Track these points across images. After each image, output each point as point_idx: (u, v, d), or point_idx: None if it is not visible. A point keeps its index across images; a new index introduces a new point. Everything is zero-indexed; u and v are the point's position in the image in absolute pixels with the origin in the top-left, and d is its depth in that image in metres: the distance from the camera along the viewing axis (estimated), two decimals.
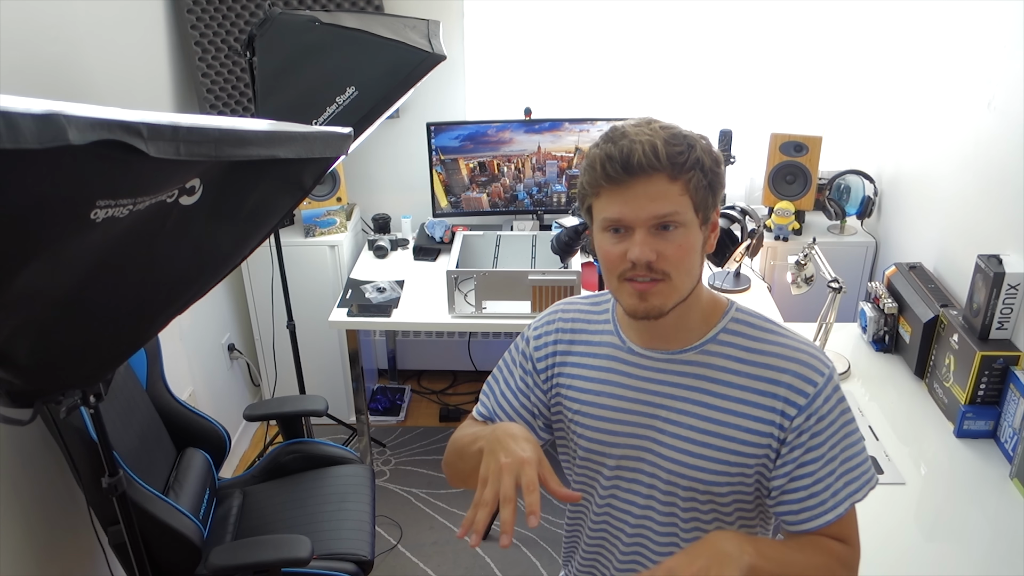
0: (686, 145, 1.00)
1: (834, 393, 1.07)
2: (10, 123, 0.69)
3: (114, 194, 0.93)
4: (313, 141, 1.14)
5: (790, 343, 1.09)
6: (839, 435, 1.07)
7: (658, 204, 0.99)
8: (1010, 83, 1.99)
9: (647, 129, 1.00)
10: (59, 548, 1.93)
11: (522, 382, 1.24)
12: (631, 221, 1.00)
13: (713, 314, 1.12)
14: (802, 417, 1.05)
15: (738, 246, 2.51)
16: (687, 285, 1.04)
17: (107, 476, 1.53)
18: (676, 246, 1.01)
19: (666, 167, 0.98)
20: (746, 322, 1.12)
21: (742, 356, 1.09)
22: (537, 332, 1.24)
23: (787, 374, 1.06)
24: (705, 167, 1.01)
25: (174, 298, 1.28)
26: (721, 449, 1.09)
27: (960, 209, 2.26)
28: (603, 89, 3.04)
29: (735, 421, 1.08)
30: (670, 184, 0.99)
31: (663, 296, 1.03)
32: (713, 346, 1.11)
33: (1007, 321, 1.89)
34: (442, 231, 3.09)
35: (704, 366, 1.10)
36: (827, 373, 1.06)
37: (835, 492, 1.07)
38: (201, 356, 2.83)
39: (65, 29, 1.99)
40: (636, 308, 1.04)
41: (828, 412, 1.06)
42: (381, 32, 2.15)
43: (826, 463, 1.06)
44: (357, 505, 2.16)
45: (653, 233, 1.00)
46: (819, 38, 2.91)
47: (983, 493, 1.75)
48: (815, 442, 1.06)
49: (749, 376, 1.08)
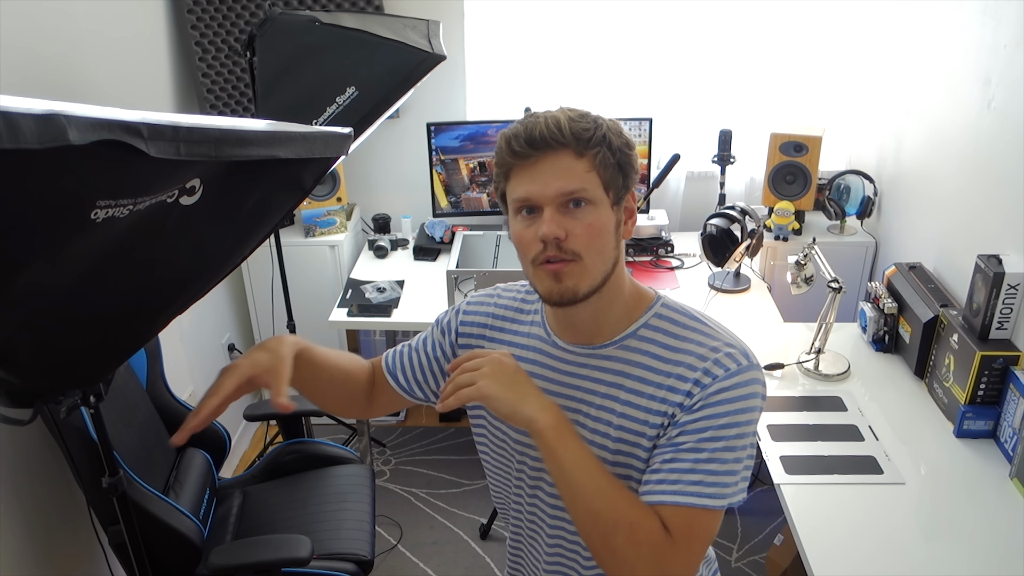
0: (592, 123, 1.00)
1: (738, 388, 1.00)
2: (10, 123, 0.69)
3: (114, 194, 0.93)
4: (313, 141, 1.14)
5: (711, 341, 1.04)
6: (719, 432, 1.00)
7: (564, 180, 0.99)
8: (1010, 83, 1.99)
9: (556, 111, 1.01)
10: (59, 548, 1.93)
11: (436, 346, 1.26)
12: (539, 199, 1.00)
13: (636, 308, 1.10)
14: (695, 400, 1.01)
15: (738, 246, 2.51)
16: (600, 267, 1.02)
17: (107, 476, 1.53)
18: (586, 224, 1.00)
19: (570, 142, 0.98)
20: (669, 318, 1.09)
21: (660, 353, 1.06)
22: (469, 310, 1.24)
23: (697, 371, 1.02)
24: (612, 145, 1.01)
25: (174, 298, 1.28)
26: (639, 445, 1.06)
27: (960, 209, 2.26)
28: (603, 89, 3.04)
29: (646, 417, 1.05)
30: (576, 160, 0.99)
31: (575, 277, 1.01)
32: (632, 341, 1.08)
33: (1007, 321, 1.89)
34: (442, 231, 3.09)
35: (622, 361, 1.08)
36: (735, 368, 1.01)
37: (678, 480, 1.00)
38: (201, 356, 2.83)
39: (65, 29, 1.99)
40: (551, 291, 1.02)
41: (720, 403, 1.00)
42: (381, 32, 2.15)
43: (691, 449, 1.00)
44: (357, 505, 2.16)
45: (562, 212, 1.00)
46: (819, 38, 2.92)
47: (983, 493, 1.75)
48: (692, 426, 1.00)
49: (664, 374, 1.05)
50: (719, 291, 2.75)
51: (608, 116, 1.05)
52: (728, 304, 2.68)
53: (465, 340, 1.24)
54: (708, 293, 2.75)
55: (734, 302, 2.70)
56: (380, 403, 1.34)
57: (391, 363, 1.31)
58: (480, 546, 2.70)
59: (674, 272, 2.88)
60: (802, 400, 2.10)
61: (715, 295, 2.74)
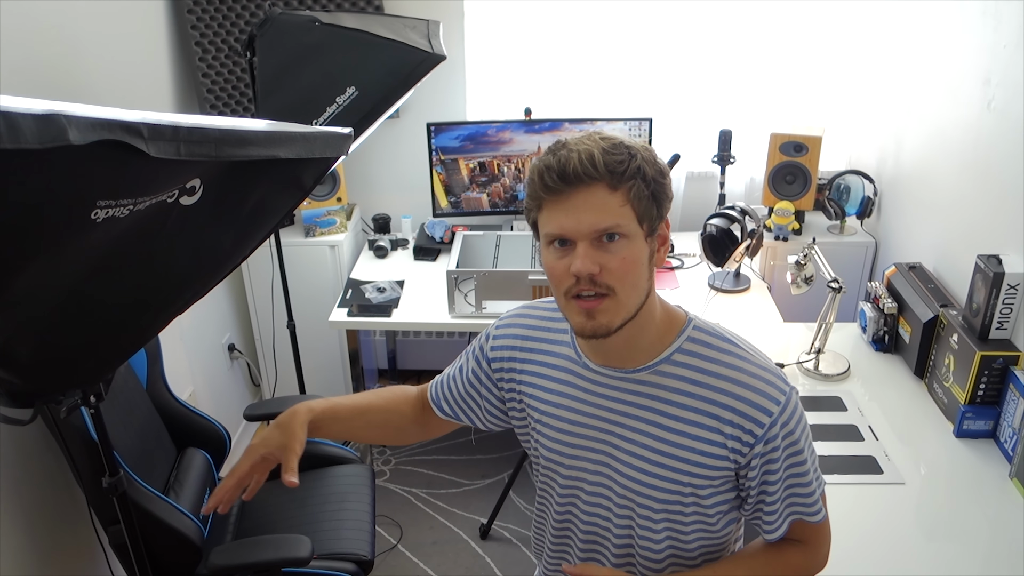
0: (626, 154, 0.98)
1: (792, 416, 1.07)
2: (10, 123, 0.69)
3: (115, 194, 0.93)
4: (313, 141, 1.14)
5: (747, 366, 1.07)
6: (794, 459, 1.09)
7: (598, 215, 0.96)
8: (1010, 83, 1.99)
9: (587, 140, 0.98)
10: (59, 548, 1.93)
11: (473, 375, 1.27)
12: (572, 234, 0.98)
13: (669, 332, 1.09)
14: (760, 445, 1.05)
15: (738, 246, 2.51)
16: (634, 301, 1.01)
17: (107, 476, 1.53)
18: (620, 259, 0.98)
19: (604, 176, 0.96)
20: (702, 341, 1.09)
21: (696, 378, 1.07)
22: (498, 334, 1.24)
23: (742, 401, 1.05)
24: (647, 176, 0.99)
25: (174, 298, 1.28)
26: (674, 470, 1.08)
27: (960, 209, 2.26)
28: (603, 89, 3.04)
29: (688, 443, 1.07)
30: (610, 194, 0.97)
31: (610, 314, 1.00)
32: (667, 366, 1.08)
33: (1007, 321, 1.89)
34: (442, 231, 3.10)
35: (657, 387, 1.08)
36: (782, 400, 1.05)
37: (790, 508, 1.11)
38: (201, 356, 2.83)
39: (65, 29, 1.99)
40: (584, 327, 1.01)
41: (784, 436, 1.07)
42: (381, 32, 2.15)
43: (783, 487, 1.10)
44: (357, 505, 2.17)
45: (596, 245, 0.98)
46: (819, 38, 2.92)
47: (983, 493, 1.75)
48: (770, 467, 1.07)
49: (703, 399, 1.06)
50: (719, 291, 2.75)
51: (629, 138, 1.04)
52: (728, 304, 2.68)
53: (498, 364, 1.23)
54: (708, 293, 2.75)
55: (734, 302, 2.70)
56: (433, 427, 1.35)
57: (435, 394, 1.32)
58: (480, 546, 2.70)
59: (674, 272, 2.88)
60: (802, 400, 2.09)
61: (715, 295, 2.74)
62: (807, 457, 1.10)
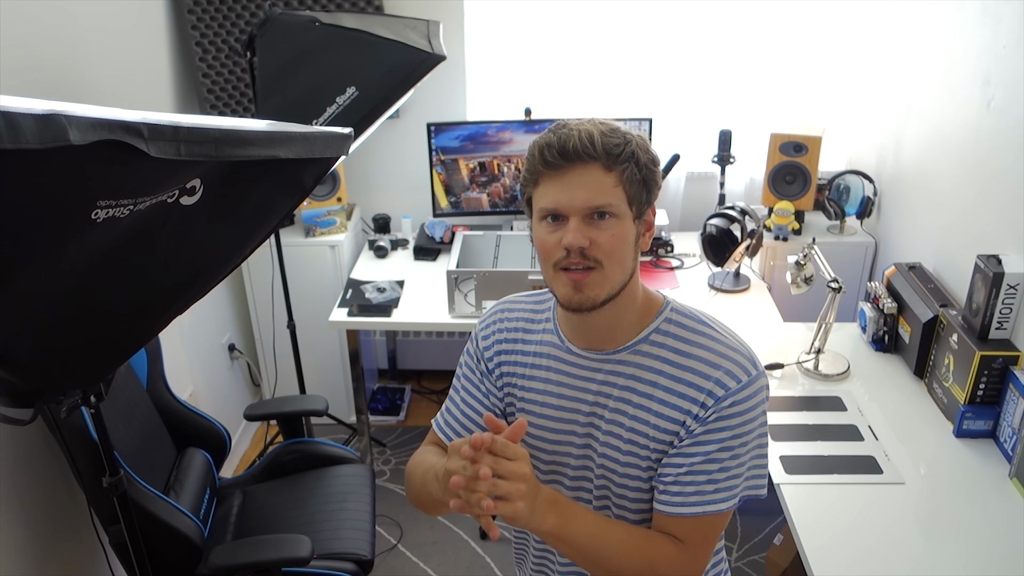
0: (623, 139, 1.03)
1: (748, 399, 1.06)
2: (11, 123, 0.69)
3: (115, 194, 0.93)
4: (313, 141, 1.14)
5: (719, 347, 1.09)
6: (730, 443, 1.07)
7: (592, 193, 1.02)
8: (1010, 83, 1.99)
9: (587, 122, 1.04)
10: (59, 547, 1.93)
11: (480, 387, 1.26)
12: (566, 209, 1.03)
13: (648, 314, 1.13)
14: (709, 412, 1.06)
15: (738, 246, 2.51)
16: (619, 277, 1.06)
17: (107, 476, 1.53)
18: (609, 235, 1.03)
19: (601, 156, 1.01)
20: (679, 322, 1.12)
21: (671, 358, 1.10)
22: (484, 332, 1.26)
23: (708, 379, 1.07)
24: (640, 162, 1.04)
25: (174, 298, 1.28)
26: (646, 448, 1.11)
27: (960, 209, 2.26)
28: (603, 89, 3.04)
29: (656, 422, 1.09)
30: (605, 174, 1.02)
31: (596, 287, 1.04)
32: (645, 346, 1.12)
33: (1006, 321, 1.89)
34: (442, 231, 3.10)
35: (636, 366, 1.12)
36: (746, 379, 1.06)
37: (696, 491, 1.07)
38: (201, 356, 2.83)
39: (65, 29, 1.99)
40: (570, 298, 1.06)
41: (732, 415, 1.06)
42: (381, 32, 2.15)
43: (706, 461, 1.07)
44: (357, 505, 2.17)
45: (587, 222, 1.03)
46: (819, 38, 2.92)
47: (982, 493, 1.75)
48: (707, 437, 1.07)
49: (675, 379, 1.09)
50: (719, 291, 2.75)
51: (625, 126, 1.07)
52: (728, 304, 2.68)
53: (493, 363, 1.25)
54: (708, 293, 2.76)
55: (734, 302, 2.70)
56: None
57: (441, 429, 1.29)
58: (480, 546, 2.70)
59: (674, 272, 2.88)
60: (802, 400, 2.10)
61: (715, 295, 2.74)
62: (749, 451, 1.09)
